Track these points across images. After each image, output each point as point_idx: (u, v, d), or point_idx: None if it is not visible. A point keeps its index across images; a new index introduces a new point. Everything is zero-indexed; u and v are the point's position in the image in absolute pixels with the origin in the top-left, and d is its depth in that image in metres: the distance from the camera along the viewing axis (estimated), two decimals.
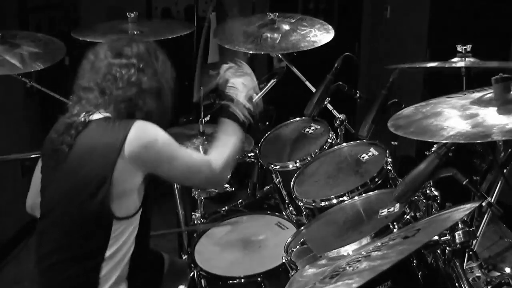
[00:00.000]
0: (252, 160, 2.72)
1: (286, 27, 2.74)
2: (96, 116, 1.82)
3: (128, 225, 1.82)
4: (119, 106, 1.82)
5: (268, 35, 2.68)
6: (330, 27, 2.72)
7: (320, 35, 2.64)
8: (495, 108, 1.54)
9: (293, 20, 2.78)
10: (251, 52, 2.66)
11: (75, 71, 1.90)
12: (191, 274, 2.18)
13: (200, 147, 2.51)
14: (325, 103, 2.53)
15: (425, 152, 1.70)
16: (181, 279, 2.17)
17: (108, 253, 1.79)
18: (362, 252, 1.36)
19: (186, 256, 2.34)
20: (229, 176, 1.93)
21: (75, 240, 1.82)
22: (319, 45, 2.58)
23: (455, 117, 1.56)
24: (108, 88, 1.82)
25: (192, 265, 2.19)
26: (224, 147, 1.94)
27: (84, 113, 1.82)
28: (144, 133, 1.78)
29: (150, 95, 1.84)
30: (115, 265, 1.82)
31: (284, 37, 2.67)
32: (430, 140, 1.51)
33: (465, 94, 1.71)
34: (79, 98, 1.86)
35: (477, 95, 1.66)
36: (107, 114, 1.82)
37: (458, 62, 1.97)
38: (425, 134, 1.53)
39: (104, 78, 1.82)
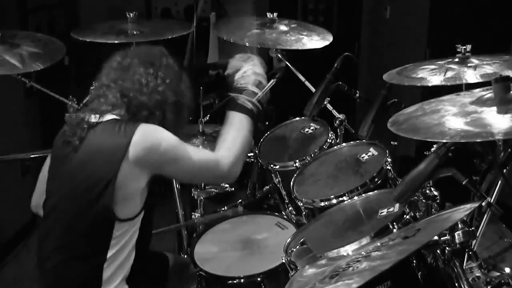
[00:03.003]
0: (252, 160, 2.72)
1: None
2: (108, 117, 1.82)
3: (130, 227, 1.82)
4: (137, 111, 1.82)
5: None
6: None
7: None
8: (494, 108, 1.53)
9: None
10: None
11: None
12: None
13: (200, 147, 2.51)
14: (325, 103, 2.53)
15: (425, 152, 1.69)
16: (189, 280, 2.17)
17: (110, 254, 1.79)
18: (362, 252, 1.36)
19: (186, 256, 2.34)
20: (239, 170, 1.94)
21: (77, 240, 1.82)
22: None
23: (451, 116, 1.55)
24: (131, 92, 1.82)
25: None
26: (233, 143, 1.95)
27: (99, 111, 1.82)
28: (148, 135, 1.78)
29: (169, 108, 1.85)
30: (118, 266, 1.82)
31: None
32: (416, 138, 1.51)
33: (471, 93, 1.70)
34: (98, 94, 1.86)
35: (480, 94, 1.65)
36: (117, 117, 1.82)
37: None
38: (415, 132, 1.53)
39: (129, 80, 1.82)
